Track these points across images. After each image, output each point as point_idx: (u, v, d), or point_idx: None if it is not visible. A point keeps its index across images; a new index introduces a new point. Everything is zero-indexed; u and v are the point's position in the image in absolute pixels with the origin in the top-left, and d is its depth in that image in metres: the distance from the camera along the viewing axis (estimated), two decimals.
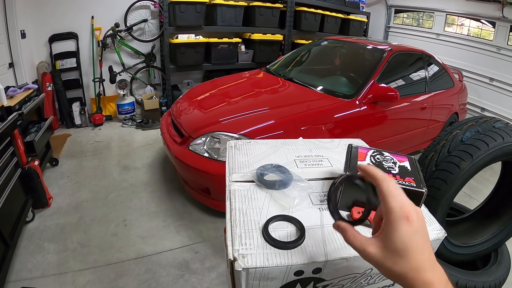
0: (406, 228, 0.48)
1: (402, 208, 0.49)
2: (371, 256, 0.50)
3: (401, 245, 0.47)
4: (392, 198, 0.50)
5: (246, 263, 0.59)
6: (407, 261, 0.47)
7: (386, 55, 3.34)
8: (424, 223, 0.50)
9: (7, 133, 2.35)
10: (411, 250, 0.47)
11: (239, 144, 1.05)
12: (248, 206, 0.75)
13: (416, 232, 0.48)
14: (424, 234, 0.49)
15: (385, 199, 0.51)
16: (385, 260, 0.49)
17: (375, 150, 0.88)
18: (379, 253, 0.50)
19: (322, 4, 5.79)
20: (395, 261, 0.48)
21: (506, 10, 4.90)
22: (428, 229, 0.76)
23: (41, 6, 4.29)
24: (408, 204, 0.50)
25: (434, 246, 0.78)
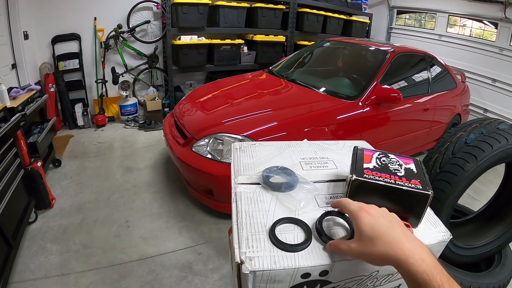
0: (367, 216, 0.60)
1: (359, 205, 0.63)
2: (354, 250, 0.59)
3: (368, 229, 0.58)
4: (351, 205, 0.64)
5: (253, 266, 0.59)
6: (379, 241, 0.56)
7: (388, 56, 3.34)
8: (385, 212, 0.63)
9: (10, 134, 2.36)
10: (378, 230, 0.57)
11: (244, 146, 1.05)
12: (255, 208, 0.75)
13: (377, 218, 0.59)
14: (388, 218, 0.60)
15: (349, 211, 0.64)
16: (364, 248, 0.58)
17: (380, 152, 0.88)
18: (358, 245, 0.59)
19: (324, 5, 5.80)
20: (370, 244, 0.57)
21: (509, 11, 4.90)
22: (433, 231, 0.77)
23: (44, 7, 4.31)
24: (365, 204, 0.64)
25: (440, 249, 0.78)
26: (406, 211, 0.76)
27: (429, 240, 0.75)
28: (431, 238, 0.76)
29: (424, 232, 0.77)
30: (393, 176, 0.77)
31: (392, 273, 0.75)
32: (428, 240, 0.75)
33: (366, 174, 0.76)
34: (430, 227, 0.79)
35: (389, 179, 0.76)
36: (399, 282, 0.80)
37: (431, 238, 0.76)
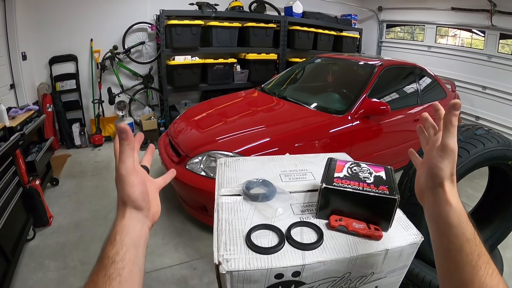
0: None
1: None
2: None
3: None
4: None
5: (229, 266, 0.66)
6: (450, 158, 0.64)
7: (376, 70, 3.43)
8: None
9: (9, 153, 2.42)
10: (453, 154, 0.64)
11: (229, 161, 1.12)
12: (234, 216, 0.81)
13: None
14: None
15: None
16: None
17: (352, 162, 0.95)
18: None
19: (314, 22, 5.92)
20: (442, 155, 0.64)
21: (495, 19, 5.02)
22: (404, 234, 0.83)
23: (41, 29, 4.41)
24: None
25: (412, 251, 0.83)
26: (376, 215, 0.83)
27: (401, 243, 0.80)
28: (402, 240, 0.81)
29: (395, 235, 0.82)
30: (362, 183, 0.84)
31: (366, 274, 0.80)
32: (399, 243, 0.80)
33: (336, 183, 0.83)
34: (401, 230, 0.84)
35: (357, 186, 0.82)
36: (375, 284, 0.84)
37: (402, 240, 0.81)
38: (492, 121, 5.31)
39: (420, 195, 0.71)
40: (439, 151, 0.65)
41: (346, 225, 0.80)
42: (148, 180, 0.67)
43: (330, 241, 0.77)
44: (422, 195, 0.70)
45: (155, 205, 0.64)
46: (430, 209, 0.66)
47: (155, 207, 0.64)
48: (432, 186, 0.65)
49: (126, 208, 0.58)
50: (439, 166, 0.64)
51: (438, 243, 0.62)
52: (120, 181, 0.59)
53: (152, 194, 0.65)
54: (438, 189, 0.64)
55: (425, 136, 0.78)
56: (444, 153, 0.64)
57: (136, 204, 0.58)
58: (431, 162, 0.66)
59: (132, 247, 0.54)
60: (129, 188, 0.58)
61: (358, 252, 0.74)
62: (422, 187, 0.69)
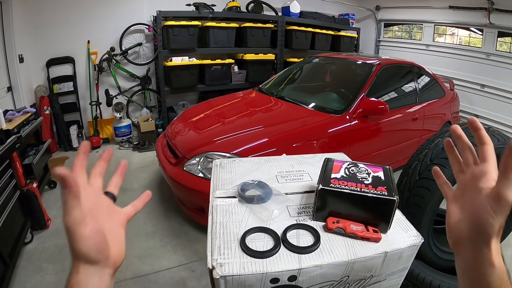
0: None
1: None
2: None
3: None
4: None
5: (223, 271, 0.64)
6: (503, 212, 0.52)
7: (374, 69, 3.42)
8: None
9: (6, 156, 2.40)
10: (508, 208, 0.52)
11: (224, 162, 1.10)
12: (229, 219, 0.79)
13: None
14: None
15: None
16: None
17: (350, 162, 0.93)
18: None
19: (312, 22, 5.92)
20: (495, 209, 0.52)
21: (493, 17, 5.03)
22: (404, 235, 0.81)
23: (38, 31, 4.40)
24: None
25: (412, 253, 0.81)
26: (375, 217, 0.81)
27: (400, 245, 0.78)
28: (402, 242, 0.79)
29: (395, 237, 0.80)
30: (360, 184, 0.82)
31: (364, 278, 0.78)
32: (399, 245, 0.78)
33: (333, 184, 0.81)
34: (401, 232, 0.83)
35: (355, 187, 0.80)
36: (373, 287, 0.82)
37: (402, 242, 0.79)
38: (491, 119, 5.31)
39: (455, 242, 0.60)
40: (491, 201, 0.53)
41: (343, 227, 0.78)
42: (112, 212, 0.60)
43: (327, 244, 0.75)
44: (458, 243, 0.59)
45: (116, 248, 0.56)
46: (468, 265, 0.57)
47: (116, 251, 0.55)
48: (475, 242, 0.55)
49: (80, 263, 0.50)
50: (490, 222, 0.52)
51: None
52: (68, 234, 0.50)
53: (114, 235, 0.57)
54: (482, 247, 0.54)
55: (457, 158, 0.65)
56: (499, 206, 0.52)
57: (89, 259, 0.50)
58: (479, 212, 0.54)
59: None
60: (79, 243, 0.49)
61: (356, 255, 0.73)
62: (460, 235, 0.58)
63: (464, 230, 0.57)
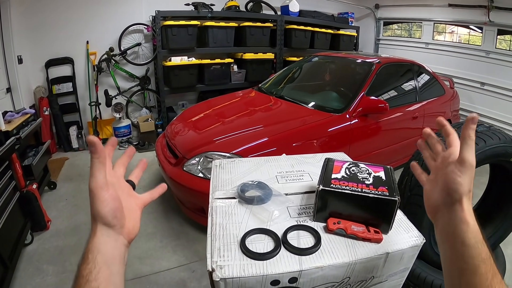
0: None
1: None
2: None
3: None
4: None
5: (223, 273, 0.63)
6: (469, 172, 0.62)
7: (374, 67, 3.41)
8: None
9: (5, 157, 2.40)
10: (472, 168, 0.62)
11: (224, 163, 1.09)
12: (228, 221, 0.79)
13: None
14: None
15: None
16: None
17: (351, 162, 0.92)
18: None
19: (311, 21, 5.90)
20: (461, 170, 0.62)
21: (492, 15, 5.00)
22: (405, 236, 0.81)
23: (37, 32, 4.39)
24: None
25: (414, 253, 0.81)
26: (376, 217, 0.80)
27: (402, 245, 0.78)
28: (403, 243, 0.78)
29: (396, 237, 0.80)
30: (361, 185, 0.81)
31: (365, 279, 0.78)
32: (400, 245, 0.77)
33: (333, 184, 0.80)
34: (402, 232, 0.82)
35: (356, 187, 0.80)
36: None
37: (403, 243, 0.78)
38: (491, 117, 5.29)
39: (432, 212, 0.68)
40: (458, 165, 0.63)
41: (344, 228, 0.78)
42: (131, 195, 0.65)
43: (328, 245, 0.74)
44: (435, 212, 0.67)
45: (131, 221, 0.61)
46: (445, 228, 0.63)
47: (131, 224, 0.61)
48: (449, 202, 0.63)
49: (97, 224, 0.56)
50: (459, 180, 0.62)
51: (451, 263, 0.60)
52: (90, 196, 0.56)
53: (131, 211, 0.62)
54: (455, 205, 0.61)
55: (429, 152, 0.75)
56: (463, 167, 0.62)
57: (105, 221, 0.56)
58: (449, 177, 0.63)
59: (105, 266, 0.52)
60: (98, 204, 0.56)
61: (358, 256, 0.72)
62: (437, 204, 0.66)
63: (439, 198, 0.65)
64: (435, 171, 0.69)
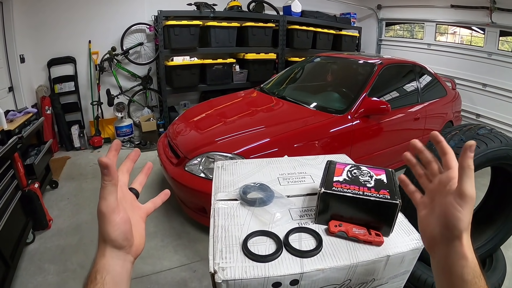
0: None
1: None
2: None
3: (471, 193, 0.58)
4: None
5: (225, 275, 0.64)
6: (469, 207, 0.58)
7: (376, 68, 3.41)
8: None
9: (7, 157, 2.40)
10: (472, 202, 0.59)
11: (226, 164, 1.10)
12: (230, 223, 0.79)
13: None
14: None
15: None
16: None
17: (353, 165, 0.92)
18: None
19: (313, 21, 5.90)
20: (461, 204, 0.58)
21: (495, 16, 4.98)
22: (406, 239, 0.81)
23: (39, 31, 4.40)
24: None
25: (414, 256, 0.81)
26: (377, 220, 0.81)
27: (403, 248, 0.78)
28: (404, 246, 0.79)
29: (397, 240, 0.80)
30: (362, 188, 0.82)
31: (366, 281, 0.78)
32: (401, 248, 0.78)
33: (335, 187, 0.80)
34: (403, 235, 0.82)
35: (357, 190, 0.80)
36: None
37: (404, 246, 0.79)
38: (493, 118, 5.29)
39: (429, 243, 0.65)
40: (457, 198, 0.58)
41: (346, 231, 0.78)
42: (134, 207, 0.65)
43: (329, 247, 0.75)
44: (432, 244, 0.64)
45: (138, 237, 0.61)
46: (441, 261, 0.61)
47: (138, 240, 0.61)
48: (448, 238, 0.59)
49: (106, 246, 0.55)
50: (459, 216, 0.58)
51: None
52: (101, 218, 0.55)
53: (135, 225, 0.61)
54: (455, 241, 0.59)
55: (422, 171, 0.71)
56: (464, 201, 0.58)
57: (116, 244, 0.56)
58: (448, 210, 0.59)
59: (114, 285, 0.53)
60: (109, 228, 0.55)
61: (359, 259, 0.72)
62: (434, 236, 0.62)
63: (436, 231, 0.61)
64: (431, 194, 0.66)
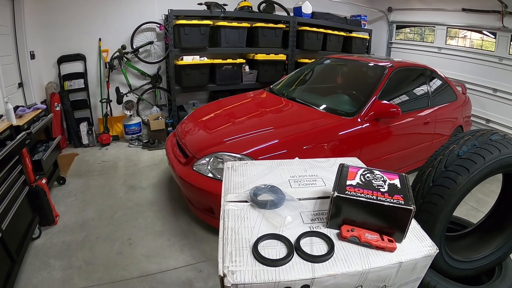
0: None
1: None
2: None
3: None
4: None
5: (235, 279, 0.62)
6: None
7: (387, 71, 3.37)
8: None
9: (16, 152, 2.41)
10: None
11: (236, 165, 1.08)
12: (241, 225, 0.78)
13: None
14: None
15: None
16: None
17: (366, 168, 0.91)
18: None
19: (324, 23, 5.88)
20: None
21: (506, 20, 4.93)
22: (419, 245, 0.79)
23: (50, 28, 4.44)
24: None
25: (427, 263, 0.80)
26: (390, 226, 0.79)
27: (415, 255, 0.77)
28: (417, 252, 0.77)
29: (410, 247, 0.78)
30: (376, 192, 0.80)
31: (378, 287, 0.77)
32: (414, 255, 0.76)
33: (348, 191, 0.79)
34: (416, 242, 0.81)
35: (371, 195, 0.78)
36: None
37: (417, 252, 0.77)
38: (504, 124, 5.22)
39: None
40: None
41: (358, 236, 0.76)
42: None
43: (341, 252, 0.73)
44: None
45: None
46: None
47: None
48: None
49: None
50: None
51: None
52: None
53: None
54: None
55: None
56: None
57: None
58: None
59: None
60: None
61: (371, 265, 0.71)
62: None
63: None
64: None
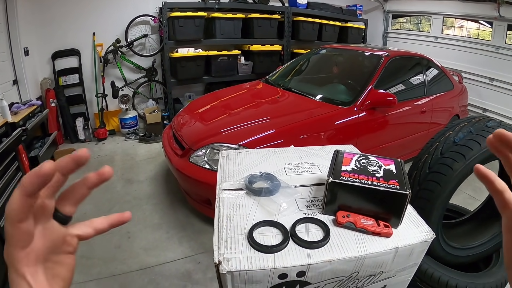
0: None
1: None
2: None
3: None
4: None
5: (230, 266, 0.62)
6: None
7: (383, 60, 3.37)
8: None
9: (12, 149, 2.40)
10: None
11: (231, 154, 1.08)
12: (236, 212, 0.77)
13: None
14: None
15: None
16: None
17: (361, 154, 0.90)
18: None
19: (319, 13, 5.84)
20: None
21: (503, 9, 4.92)
22: (415, 231, 0.79)
23: (43, 24, 4.40)
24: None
25: (423, 248, 0.79)
26: (386, 211, 0.78)
27: (412, 240, 0.76)
28: (413, 238, 0.77)
29: (406, 232, 0.78)
30: (371, 178, 0.79)
31: (374, 274, 0.76)
32: (410, 240, 0.76)
33: (343, 176, 0.78)
34: (412, 227, 0.80)
35: (366, 180, 0.78)
36: (383, 283, 0.80)
37: (413, 238, 0.77)
38: (500, 113, 5.23)
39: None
40: None
41: (354, 222, 0.76)
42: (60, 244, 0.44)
43: (337, 238, 0.73)
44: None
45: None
46: None
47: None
48: None
49: None
50: None
51: None
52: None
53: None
54: None
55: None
56: None
57: None
58: None
59: None
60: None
61: (367, 251, 0.70)
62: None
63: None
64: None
